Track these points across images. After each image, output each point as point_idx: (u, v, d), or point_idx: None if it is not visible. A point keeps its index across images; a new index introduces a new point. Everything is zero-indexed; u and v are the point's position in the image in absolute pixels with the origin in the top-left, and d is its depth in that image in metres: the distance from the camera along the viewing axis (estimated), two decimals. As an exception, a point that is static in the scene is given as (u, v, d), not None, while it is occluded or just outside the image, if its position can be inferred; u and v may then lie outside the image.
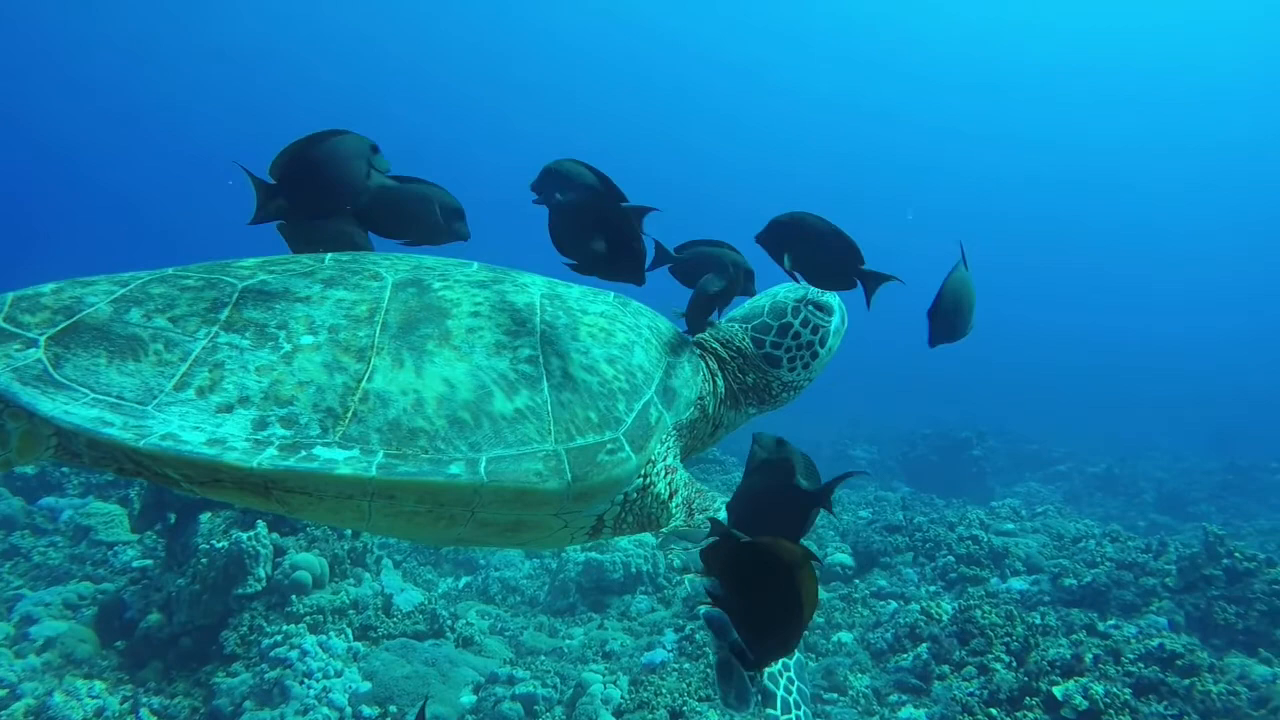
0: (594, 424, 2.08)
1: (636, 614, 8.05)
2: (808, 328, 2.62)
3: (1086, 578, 8.34)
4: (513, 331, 2.13)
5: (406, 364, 1.97)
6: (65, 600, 7.23)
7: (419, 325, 2.05)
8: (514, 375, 2.06)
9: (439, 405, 1.94)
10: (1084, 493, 19.69)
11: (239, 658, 6.21)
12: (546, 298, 2.29)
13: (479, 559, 9.94)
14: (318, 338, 1.97)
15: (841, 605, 7.74)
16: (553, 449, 2.00)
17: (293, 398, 1.87)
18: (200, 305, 1.99)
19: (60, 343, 1.85)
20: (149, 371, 1.85)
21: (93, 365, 1.83)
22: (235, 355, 1.91)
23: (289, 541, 6.79)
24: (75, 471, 9.68)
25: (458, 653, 6.52)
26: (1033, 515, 11.49)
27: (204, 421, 1.81)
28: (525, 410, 2.02)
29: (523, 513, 2.04)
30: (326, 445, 1.83)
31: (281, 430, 1.83)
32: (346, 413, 1.88)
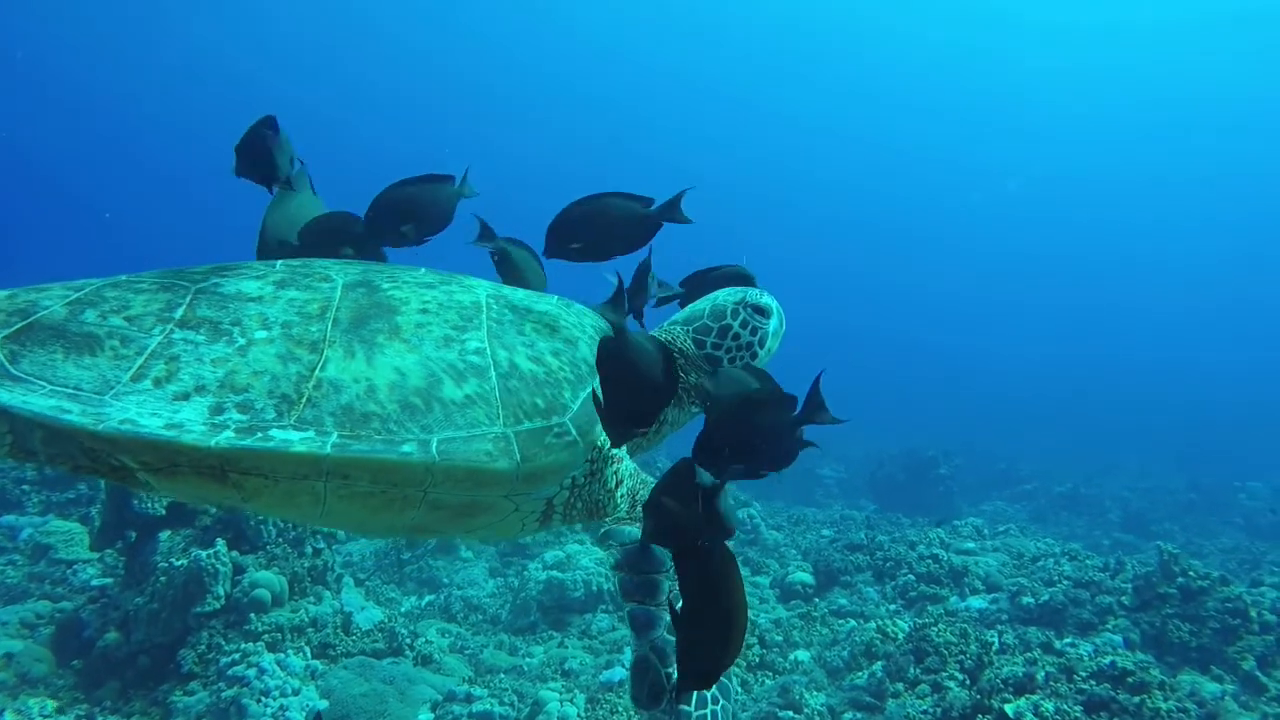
0: (541, 410, 2.18)
1: (598, 632, 8.09)
2: (746, 329, 2.71)
3: (1044, 596, 8.49)
4: (459, 326, 2.22)
5: (358, 355, 2.05)
6: (22, 619, 7.18)
7: (369, 321, 2.13)
8: (462, 365, 2.14)
9: (390, 391, 2.02)
10: (1049, 512, 19.93)
11: (197, 676, 6.19)
12: (492, 297, 2.40)
13: (442, 578, 9.94)
14: (271, 332, 2.03)
15: (800, 624, 7.83)
16: (502, 431, 2.09)
17: (248, 385, 1.93)
18: (155, 305, 2.04)
19: (15, 341, 1.90)
20: (105, 365, 1.90)
21: (49, 360, 1.88)
22: (190, 349, 1.96)
23: (248, 560, 6.79)
24: (36, 489, 9.62)
25: (416, 671, 6.53)
26: (994, 534, 11.66)
27: (161, 408, 1.85)
28: (474, 396, 2.11)
29: (475, 492, 2.11)
30: (282, 428, 1.88)
31: (238, 415, 1.88)
32: (301, 398, 1.94)
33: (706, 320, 2.72)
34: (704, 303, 2.78)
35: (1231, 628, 7.65)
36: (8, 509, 9.34)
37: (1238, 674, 7.26)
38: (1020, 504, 20.42)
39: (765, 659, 7.13)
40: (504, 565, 10.34)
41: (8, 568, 8.32)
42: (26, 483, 9.63)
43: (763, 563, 10.02)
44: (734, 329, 2.70)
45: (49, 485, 9.73)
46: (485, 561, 10.42)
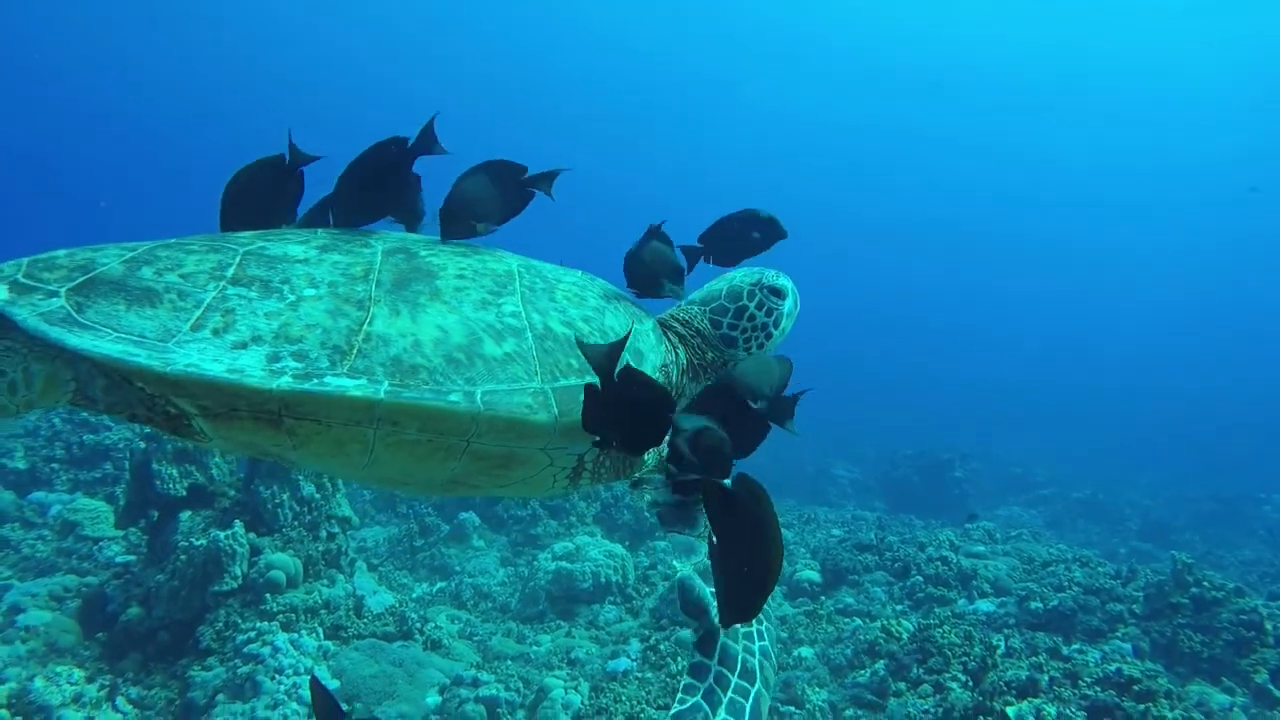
0: (575, 369, 2.27)
1: (604, 623, 8.20)
2: (762, 310, 2.77)
3: (1053, 601, 8.49)
4: (495, 291, 2.33)
5: (403, 313, 2.15)
6: (51, 592, 7.40)
7: (411, 283, 2.23)
8: (500, 325, 2.25)
9: (435, 346, 2.12)
10: (1066, 518, 19.83)
11: (214, 652, 6.37)
12: (523, 267, 2.51)
13: (454, 565, 10.10)
14: (319, 290, 2.14)
15: (805, 621, 7.90)
16: (540, 386, 2.19)
17: (302, 337, 2.03)
18: (206, 265, 2.14)
19: (80, 293, 2.00)
20: (166, 316, 2.00)
21: (113, 311, 1.98)
22: (245, 304, 2.07)
23: (265, 541, 6.97)
24: (65, 467, 9.87)
25: (425, 655, 6.68)
26: (1006, 538, 11.64)
27: (221, 355, 1.95)
28: (513, 354, 2.21)
29: (515, 444, 2.20)
30: (336, 375, 1.99)
31: (294, 363, 1.98)
32: (352, 350, 2.04)
33: (723, 301, 2.77)
34: (721, 283, 2.85)
35: (1245, 640, 7.61)
36: (38, 486, 9.60)
37: (1250, 686, 7.23)
38: (1036, 509, 20.31)
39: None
40: (515, 555, 10.49)
41: (38, 542, 8.57)
42: (55, 461, 9.88)
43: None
44: (750, 310, 2.76)
45: (76, 464, 9.99)
46: (497, 551, 10.58)
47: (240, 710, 5.82)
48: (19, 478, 9.56)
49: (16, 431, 10.22)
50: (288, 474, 7.36)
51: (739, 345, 2.79)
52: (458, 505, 11.27)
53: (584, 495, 11.44)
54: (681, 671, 6.69)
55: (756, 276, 2.81)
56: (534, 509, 11.01)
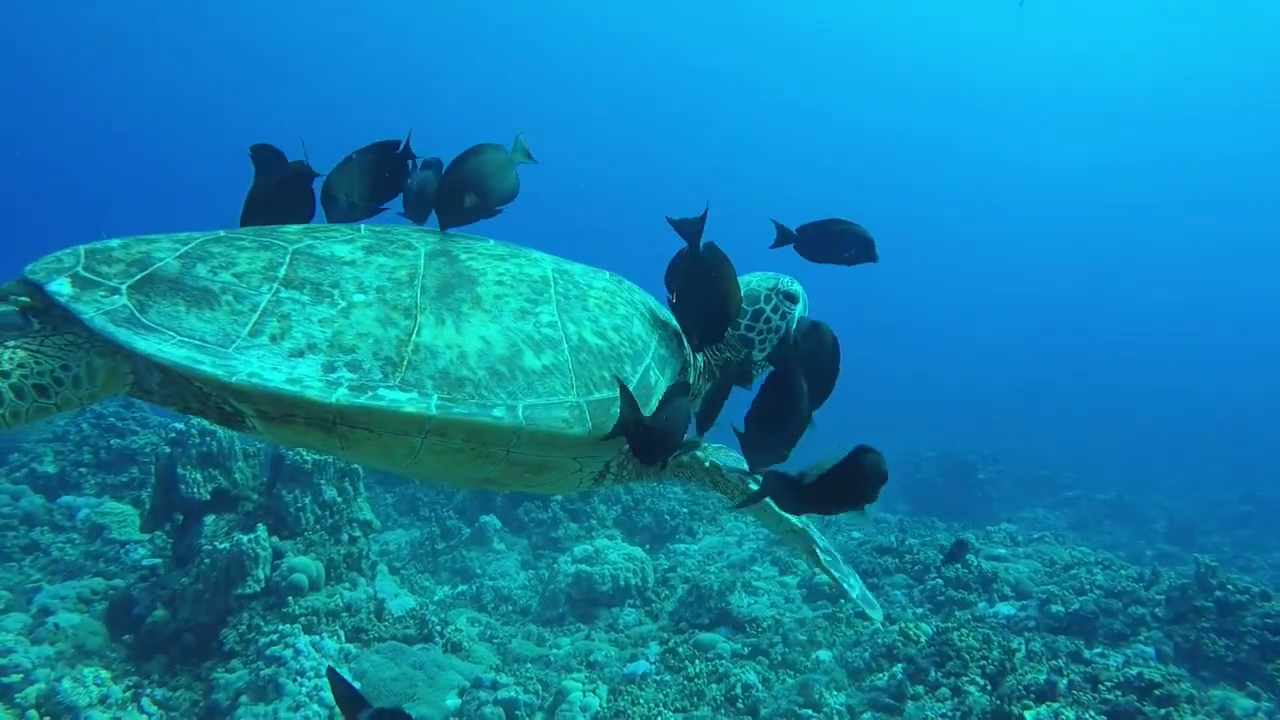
0: (607, 381, 2.36)
1: (624, 626, 8.24)
2: (777, 314, 2.88)
3: (1074, 605, 8.43)
4: (532, 300, 2.41)
5: (448, 322, 2.23)
6: (79, 594, 7.54)
7: (454, 290, 2.31)
8: (539, 337, 2.33)
9: (479, 359, 2.20)
10: (1092, 520, 19.61)
11: (237, 655, 6.46)
12: (557, 272, 2.58)
13: (475, 568, 10.17)
14: (368, 296, 2.21)
15: (825, 624, 7.88)
16: (576, 400, 2.28)
17: (354, 346, 2.11)
18: (258, 264, 2.21)
19: (140, 291, 2.07)
20: (224, 319, 2.07)
21: (174, 312, 2.05)
22: (298, 309, 2.14)
23: (287, 545, 7.06)
24: (93, 471, 10.05)
25: (445, 657, 6.74)
26: (1028, 541, 11.54)
27: (280, 364, 2.03)
28: (551, 367, 2.29)
29: (549, 454, 2.33)
30: (389, 388, 2.07)
31: (349, 374, 2.07)
32: (402, 361, 2.12)
33: (742, 304, 2.85)
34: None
35: (1272, 644, 7.52)
36: (67, 490, 9.77)
37: (1276, 691, 7.14)
38: (1061, 511, 20.09)
39: (788, 658, 7.21)
40: (535, 557, 10.55)
41: (67, 545, 8.73)
42: (84, 465, 10.06)
43: (791, 563, 10.08)
44: (766, 313, 2.87)
45: (104, 468, 10.16)
46: (517, 554, 10.64)
47: (263, 712, 5.91)
48: (48, 482, 9.74)
49: (46, 436, 10.42)
50: (310, 478, 7.46)
51: (755, 345, 2.90)
52: (479, 508, 11.34)
53: (604, 499, 11.48)
54: (700, 674, 6.71)
55: (772, 282, 2.92)
56: (555, 512, 11.06)
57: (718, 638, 7.59)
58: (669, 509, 11.61)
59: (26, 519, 9.06)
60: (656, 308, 2.85)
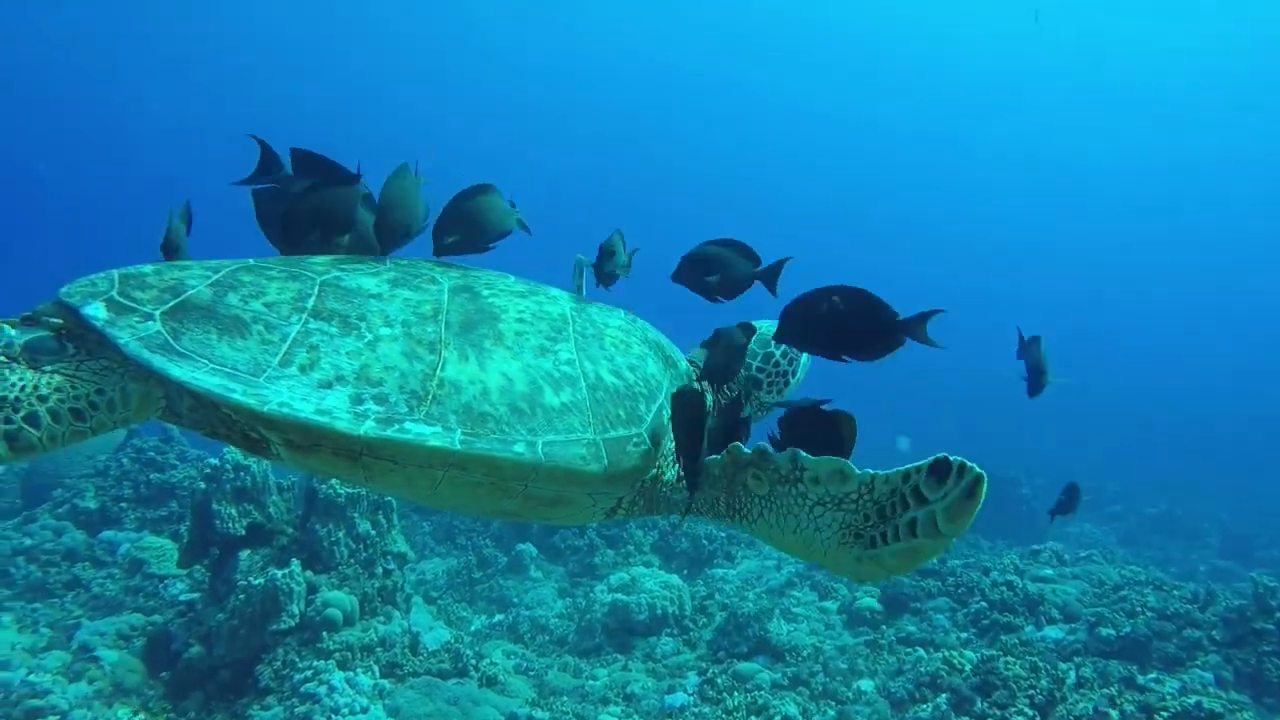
0: (623, 420, 2.41)
1: (661, 656, 8.12)
2: (786, 359, 3.04)
3: (1125, 628, 8.15)
4: (552, 337, 2.46)
5: (471, 358, 2.27)
6: (119, 630, 7.60)
7: (476, 326, 2.36)
8: (558, 374, 2.37)
9: (501, 395, 2.25)
10: (1141, 535, 19.10)
11: (272, 691, 6.45)
12: (574, 310, 2.63)
13: (512, 597, 10.12)
14: (394, 330, 2.25)
15: (866, 652, 7.71)
16: (593, 438, 2.32)
17: (381, 379, 2.15)
18: (288, 294, 2.25)
19: (174, 318, 2.12)
20: (255, 348, 2.11)
21: (206, 339, 2.09)
22: (327, 340, 2.18)
23: (321, 579, 7.05)
24: (132, 506, 10.16)
25: (480, 692, 6.67)
26: (1075, 560, 11.23)
27: (309, 394, 2.07)
28: (569, 404, 2.33)
29: (565, 489, 2.36)
30: (415, 421, 2.11)
31: (376, 406, 2.11)
32: (427, 395, 2.16)
33: (753, 346, 3.00)
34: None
35: (1343, 669, 7.22)
36: (108, 525, 9.88)
37: (1348, 720, 6.84)
38: (1108, 526, 19.59)
39: (828, 688, 7.05)
40: (573, 585, 10.46)
41: (107, 581, 8.80)
42: (124, 500, 10.17)
43: (831, 587, 9.90)
44: (775, 357, 3.03)
45: (144, 503, 10.27)
46: (554, 581, 10.57)
47: (298, 749, 5.89)
48: (90, 517, 9.86)
49: (87, 471, 10.57)
50: (344, 511, 7.46)
51: (763, 386, 3.05)
52: (515, 536, 11.30)
53: (641, 524, 11.37)
54: (739, 707, 6.58)
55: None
56: (591, 539, 10.99)
57: (757, 667, 7.44)
58: (706, 533, 11.48)
59: (69, 555, 9.16)
60: (669, 346, 2.90)
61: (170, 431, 11.21)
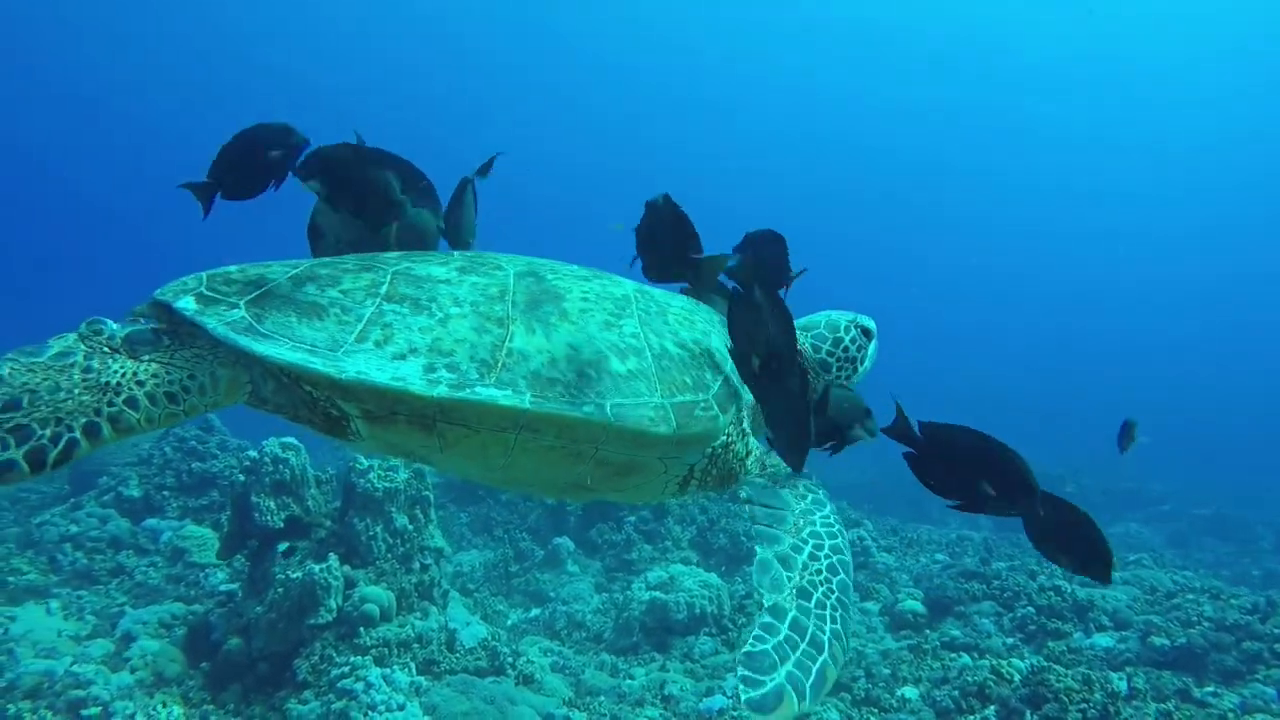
0: (689, 386, 2.51)
1: (700, 656, 8.00)
2: (855, 345, 3.10)
3: (1180, 638, 7.86)
4: (616, 314, 2.57)
5: (538, 331, 2.39)
6: (160, 619, 7.66)
7: (542, 304, 2.47)
8: (623, 345, 2.48)
9: (568, 362, 2.36)
10: (1191, 536, 18.59)
11: (310, 685, 6.45)
12: (638, 292, 2.76)
13: (549, 591, 10.06)
14: (463, 309, 2.39)
15: (909, 657, 7.52)
16: (660, 401, 2.42)
17: (452, 350, 2.28)
18: (361, 283, 2.41)
19: (257, 305, 2.30)
20: (332, 327, 2.27)
21: (286, 322, 2.26)
22: (400, 319, 2.33)
23: (359, 574, 7.03)
24: (175, 495, 10.26)
25: (517, 690, 6.61)
26: (1124, 564, 10.92)
27: (384, 365, 2.21)
28: (635, 371, 2.43)
29: (636, 452, 2.45)
30: (485, 385, 2.23)
31: (448, 374, 2.23)
32: (497, 363, 2.28)
33: (823, 330, 3.10)
34: (819, 316, 3.19)
35: None
36: (151, 513, 9.99)
37: None
38: (1156, 526, 19.10)
39: (871, 694, 6.88)
40: (609, 580, 10.38)
41: (150, 569, 8.90)
42: (166, 489, 10.28)
43: (872, 588, 9.71)
44: (844, 342, 3.09)
45: (186, 491, 10.37)
46: (591, 576, 10.49)
47: (335, 745, 5.87)
48: (133, 505, 9.97)
49: (131, 459, 10.70)
50: (381, 506, 7.44)
51: (831, 370, 3.10)
52: (552, 530, 11.24)
53: (679, 519, 11.25)
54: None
55: (852, 316, 3.15)
56: (628, 533, 10.89)
57: (797, 671, 7.30)
58: (745, 530, 11.32)
59: (113, 542, 9.28)
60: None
61: (211, 420, 11.32)
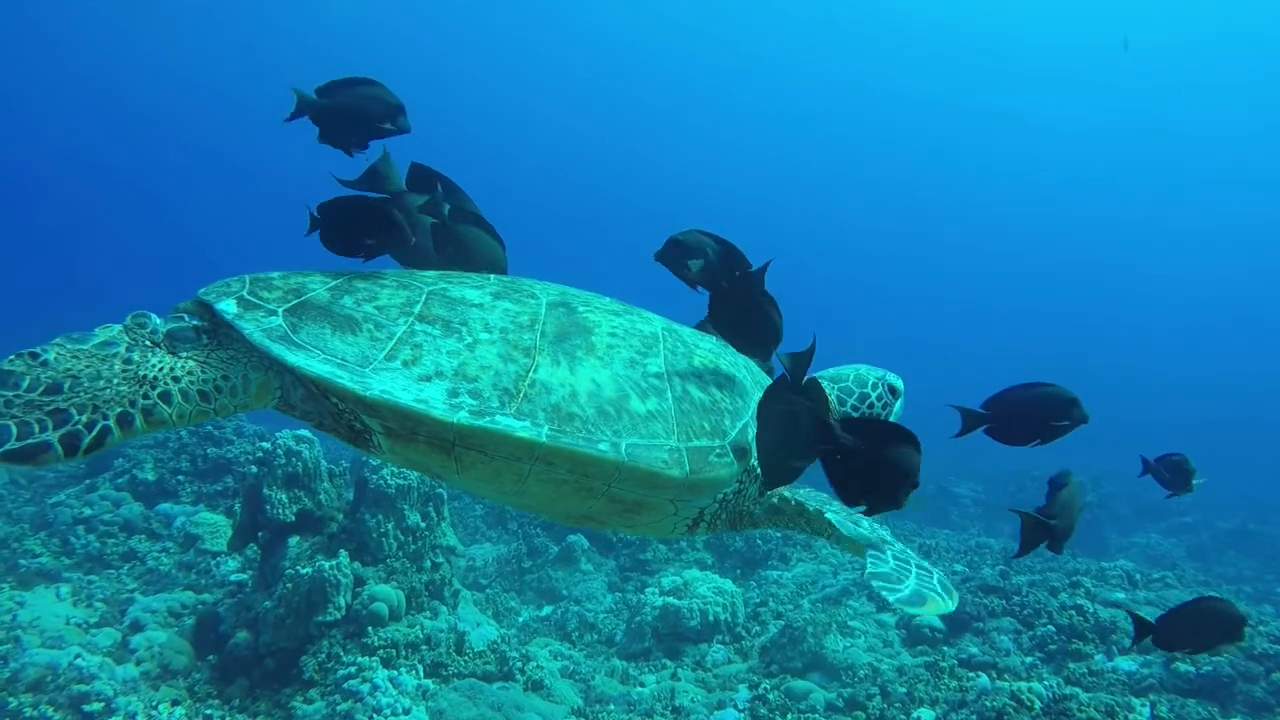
0: (707, 432, 2.51)
1: (712, 664, 7.88)
2: (880, 402, 3.08)
3: (1206, 666, 7.65)
4: (642, 352, 2.59)
5: (562, 364, 2.41)
6: (170, 608, 7.62)
7: (570, 336, 2.50)
8: (645, 385, 2.49)
9: (589, 398, 2.38)
10: (1213, 549, 18.25)
11: (316, 684, 6.38)
12: (666, 331, 2.77)
13: (561, 589, 9.97)
14: (492, 335, 2.42)
15: (926, 675, 7.36)
16: (676, 445, 2.43)
17: (477, 376, 2.31)
18: (397, 300, 2.47)
19: (294, 314, 2.36)
20: (364, 343, 2.32)
21: (321, 334, 2.31)
22: (430, 340, 2.37)
23: (369, 572, 6.95)
24: (189, 480, 10.22)
25: (525, 697, 6.51)
26: (1148, 582, 10.69)
27: (410, 385, 2.25)
28: (654, 413, 2.45)
29: (647, 493, 2.46)
30: (505, 415, 2.25)
31: (470, 400, 2.26)
32: (519, 393, 2.31)
33: (850, 384, 3.09)
34: (848, 369, 3.17)
35: None
36: (165, 497, 9.95)
37: None
38: (1178, 538, 18.75)
39: (886, 715, 6.73)
40: (623, 580, 10.27)
41: (162, 555, 8.86)
42: (181, 473, 10.24)
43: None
44: (871, 398, 3.07)
45: (201, 477, 10.33)
46: (604, 575, 10.38)
47: (339, 747, 5.79)
48: (148, 489, 9.93)
49: (147, 443, 10.67)
50: (394, 503, 7.34)
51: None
52: (566, 527, 11.15)
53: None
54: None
55: (881, 373, 3.14)
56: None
57: (811, 686, 7.16)
58: (761, 533, 11.18)
59: (126, 526, 9.24)
60: (758, 373, 2.96)
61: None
